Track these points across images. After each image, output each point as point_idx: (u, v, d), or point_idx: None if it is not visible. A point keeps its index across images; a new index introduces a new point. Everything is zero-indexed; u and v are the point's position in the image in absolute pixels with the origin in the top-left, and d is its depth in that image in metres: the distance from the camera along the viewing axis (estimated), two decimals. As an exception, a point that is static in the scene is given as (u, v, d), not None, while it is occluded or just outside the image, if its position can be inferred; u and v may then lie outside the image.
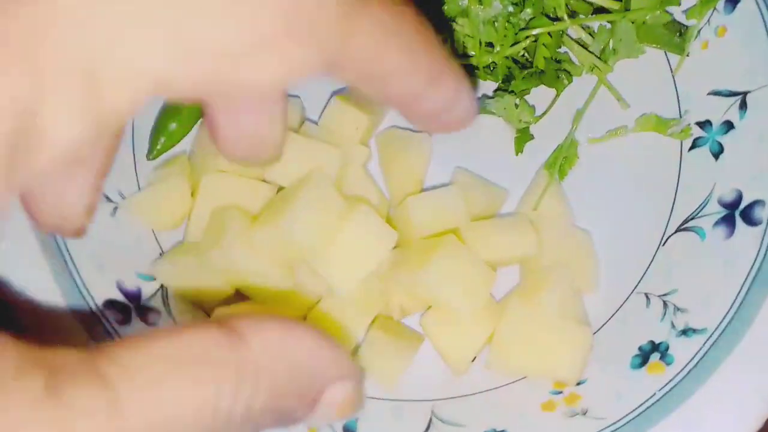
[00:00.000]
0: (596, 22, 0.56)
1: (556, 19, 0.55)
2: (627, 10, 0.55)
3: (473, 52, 0.55)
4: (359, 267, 0.51)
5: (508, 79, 0.57)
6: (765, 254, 0.50)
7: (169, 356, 0.25)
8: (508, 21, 0.54)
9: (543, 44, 0.54)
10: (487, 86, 0.58)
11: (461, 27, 0.54)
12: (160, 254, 0.56)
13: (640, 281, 0.54)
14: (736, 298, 0.49)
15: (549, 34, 0.55)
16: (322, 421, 0.31)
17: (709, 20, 0.55)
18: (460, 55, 0.56)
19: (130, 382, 0.24)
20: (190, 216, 0.55)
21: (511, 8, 0.54)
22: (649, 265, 0.54)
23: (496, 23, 0.54)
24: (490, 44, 0.55)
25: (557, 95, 0.57)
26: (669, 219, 0.55)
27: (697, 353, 0.49)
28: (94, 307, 0.51)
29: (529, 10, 0.54)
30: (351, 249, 0.51)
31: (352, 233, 0.51)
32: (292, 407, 0.29)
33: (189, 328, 0.27)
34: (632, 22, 0.55)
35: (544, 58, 0.55)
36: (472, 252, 0.53)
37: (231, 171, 0.54)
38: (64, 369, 0.23)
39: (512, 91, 0.56)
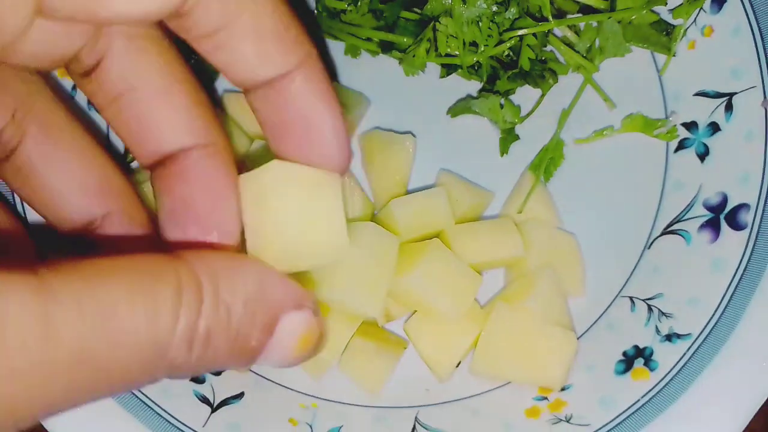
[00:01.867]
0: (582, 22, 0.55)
1: (542, 18, 0.54)
2: (613, 9, 0.54)
3: (457, 52, 0.55)
4: (380, 288, 0.50)
5: (492, 79, 0.56)
6: (749, 258, 0.49)
7: (106, 269, 0.27)
8: (492, 21, 0.53)
9: (528, 45, 0.53)
10: (472, 86, 0.57)
11: (444, 27, 0.53)
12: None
13: (625, 285, 0.53)
14: (720, 302, 0.49)
15: (534, 34, 0.54)
16: (284, 351, 0.32)
17: (695, 20, 0.54)
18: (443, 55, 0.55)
19: (65, 281, 0.27)
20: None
21: (495, 8, 0.53)
22: (635, 268, 0.54)
23: (479, 23, 0.53)
24: (474, 44, 0.54)
25: (543, 95, 0.57)
26: (655, 221, 0.54)
27: (681, 358, 0.48)
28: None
29: (513, 10, 0.53)
30: (363, 272, 0.49)
31: (359, 256, 0.49)
32: (245, 331, 0.30)
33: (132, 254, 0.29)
34: (619, 22, 0.54)
35: (529, 58, 0.54)
36: (457, 256, 0.52)
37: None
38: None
39: (497, 91, 0.56)
